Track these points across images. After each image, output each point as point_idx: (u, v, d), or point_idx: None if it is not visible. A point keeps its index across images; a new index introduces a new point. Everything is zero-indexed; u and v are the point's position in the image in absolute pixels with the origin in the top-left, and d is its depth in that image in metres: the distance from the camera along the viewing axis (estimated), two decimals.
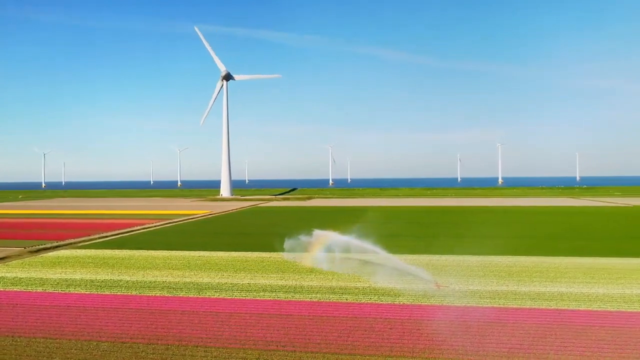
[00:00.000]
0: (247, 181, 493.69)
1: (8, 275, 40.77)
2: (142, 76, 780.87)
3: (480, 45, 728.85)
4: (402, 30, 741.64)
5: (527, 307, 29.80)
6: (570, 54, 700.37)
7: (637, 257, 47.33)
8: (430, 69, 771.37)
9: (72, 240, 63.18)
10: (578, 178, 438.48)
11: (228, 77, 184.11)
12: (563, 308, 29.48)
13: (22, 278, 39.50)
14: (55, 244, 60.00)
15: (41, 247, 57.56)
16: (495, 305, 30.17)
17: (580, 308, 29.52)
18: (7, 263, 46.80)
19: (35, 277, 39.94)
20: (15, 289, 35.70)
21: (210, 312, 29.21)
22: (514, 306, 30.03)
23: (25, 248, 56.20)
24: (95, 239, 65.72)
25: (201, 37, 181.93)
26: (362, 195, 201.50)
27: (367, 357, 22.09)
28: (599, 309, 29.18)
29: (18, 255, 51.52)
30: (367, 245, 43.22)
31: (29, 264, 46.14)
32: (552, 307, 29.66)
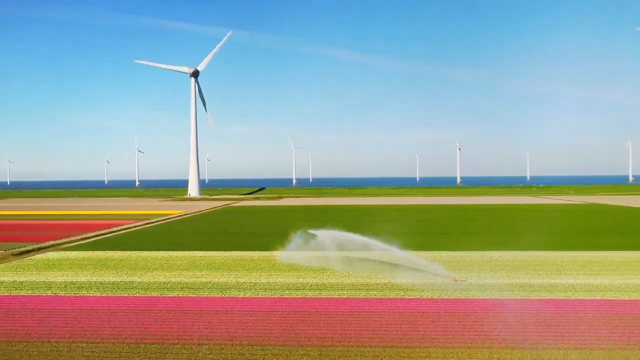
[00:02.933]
0: (207, 180, 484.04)
1: (5, 279, 38.43)
2: (95, 72, 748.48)
3: (436, 48, 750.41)
4: (361, 31, 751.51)
5: (550, 298, 31.41)
6: (518, 58, 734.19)
7: (618, 250, 50.69)
8: (387, 70, 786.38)
9: (54, 242, 60.12)
10: (528, 177, 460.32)
11: (196, 73, 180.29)
12: (582, 298, 31.31)
13: (23, 282, 37.37)
14: (37, 245, 56.91)
15: (23, 249, 54.47)
16: (518, 298, 31.56)
17: (596, 297, 31.46)
18: None
19: (37, 280, 37.87)
20: (21, 294, 33.75)
21: (247, 311, 28.87)
22: (536, 298, 31.54)
23: (6, 251, 52.96)
24: (78, 240, 62.86)
25: (148, 63, 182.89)
26: (332, 195, 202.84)
27: (425, 349, 22.66)
28: (614, 298, 31.21)
29: (3, 259, 48.52)
30: (374, 242, 43.92)
31: (20, 267, 43.67)
32: (571, 298, 31.43)
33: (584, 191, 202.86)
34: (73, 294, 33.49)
